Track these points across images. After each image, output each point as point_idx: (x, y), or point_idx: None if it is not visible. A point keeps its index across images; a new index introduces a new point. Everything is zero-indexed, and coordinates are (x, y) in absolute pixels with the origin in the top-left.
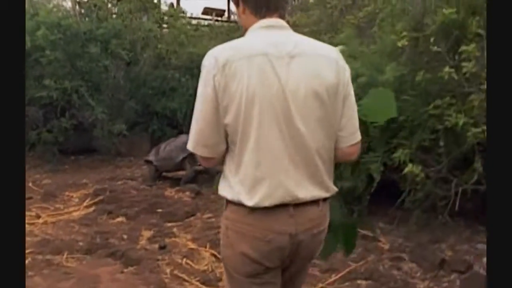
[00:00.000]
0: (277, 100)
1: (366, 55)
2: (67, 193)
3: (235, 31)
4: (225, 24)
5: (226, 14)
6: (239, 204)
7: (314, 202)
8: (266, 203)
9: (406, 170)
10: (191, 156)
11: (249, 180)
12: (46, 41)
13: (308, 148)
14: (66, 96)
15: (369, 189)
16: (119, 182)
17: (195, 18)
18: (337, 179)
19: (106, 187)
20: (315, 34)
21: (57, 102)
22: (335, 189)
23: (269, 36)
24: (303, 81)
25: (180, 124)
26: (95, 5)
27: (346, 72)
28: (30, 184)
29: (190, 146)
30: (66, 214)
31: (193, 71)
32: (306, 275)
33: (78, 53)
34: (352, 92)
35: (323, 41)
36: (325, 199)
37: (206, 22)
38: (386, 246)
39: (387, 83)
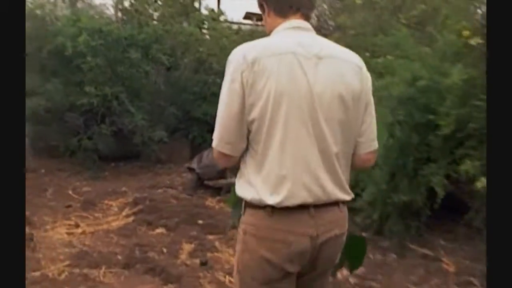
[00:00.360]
0: (304, 101)
1: (425, 56)
2: (106, 201)
3: None
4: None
5: None
6: (259, 207)
7: (335, 203)
8: (289, 203)
9: (479, 185)
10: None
11: (273, 178)
12: (87, 47)
13: (329, 151)
14: (106, 103)
15: (429, 204)
16: (159, 191)
17: (236, 23)
18: (392, 191)
19: (145, 195)
20: (362, 36)
21: (98, 108)
22: (352, 194)
23: (296, 36)
24: (330, 84)
25: None
26: (136, 10)
27: (368, 80)
28: (70, 192)
29: (214, 143)
30: (105, 224)
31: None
32: (327, 284)
33: (119, 59)
34: (372, 101)
35: (373, 43)
36: (344, 202)
37: (247, 27)
38: (452, 268)
39: (453, 87)
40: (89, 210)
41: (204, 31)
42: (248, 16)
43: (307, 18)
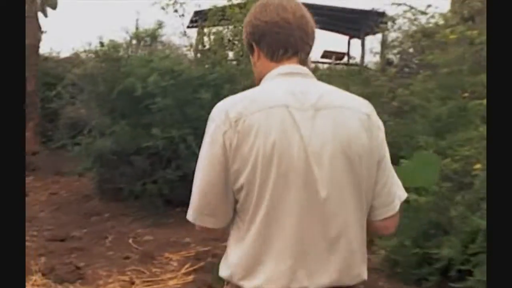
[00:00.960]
0: (298, 162)
1: None
2: (166, 254)
3: (355, 74)
4: (345, 67)
5: (345, 57)
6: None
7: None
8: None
9: None
10: None
11: (251, 257)
12: (157, 87)
13: (332, 221)
14: (173, 146)
15: None
16: (224, 244)
17: (313, 62)
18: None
19: (209, 249)
20: (457, 75)
21: (164, 152)
22: (364, 276)
23: (289, 84)
24: (330, 140)
25: None
26: (209, 49)
27: (380, 130)
28: (131, 241)
29: (190, 217)
30: (162, 283)
31: None
32: None
33: (189, 99)
34: (388, 154)
35: (472, 83)
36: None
37: (325, 66)
38: None
39: None
40: (147, 264)
41: None
42: (326, 54)
43: (303, 62)
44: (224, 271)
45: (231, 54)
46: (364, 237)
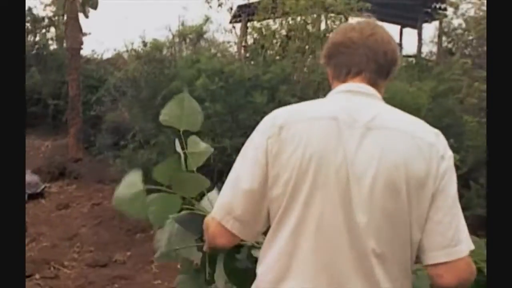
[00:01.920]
0: (336, 179)
1: None
2: None
3: (415, 66)
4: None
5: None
6: None
7: None
8: None
9: None
10: None
11: (276, 272)
12: (206, 91)
13: (366, 250)
14: (224, 157)
15: None
16: None
17: None
18: None
19: None
20: None
21: (214, 163)
22: None
23: (346, 101)
24: (376, 163)
25: None
26: (262, 46)
27: (444, 160)
28: (179, 265)
29: (217, 214)
30: None
31: None
32: None
33: (241, 104)
34: (453, 190)
35: None
36: None
37: None
38: None
39: None
40: None
41: None
42: None
43: (370, 81)
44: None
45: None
46: (406, 272)
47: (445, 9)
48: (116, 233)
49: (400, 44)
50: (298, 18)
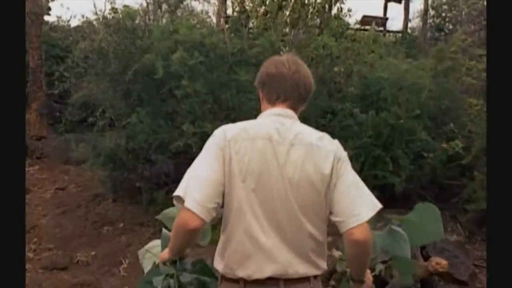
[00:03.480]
0: (275, 180)
1: None
2: None
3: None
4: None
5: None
6: (232, 279)
7: (305, 278)
8: (257, 276)
9: None
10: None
11: (240, 253)
12: (184, 66)
13: (301, 228)
14: (204, 143)
15: None
16: None
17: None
18: None
19: None
20: None
21: (194, 151)
22: (325, 267)
23: (277, 122)
24: (299, 170)
25: None
26: (247, 16)
27: (340, 161)
28: None
29: (180, 191)
30: None
31: (372, 102)
32: None
33: (224, 82)
34: (348, 177)
35: None
36: (316, 276)
37: (365, 33)
38: None
39: None
40: None
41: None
42: (365, 20)
43: (294, 107)
44: (220, 266)
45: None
46: (324, 241)
47: None
48: (81, 225)
49: (385, 19)
50: None
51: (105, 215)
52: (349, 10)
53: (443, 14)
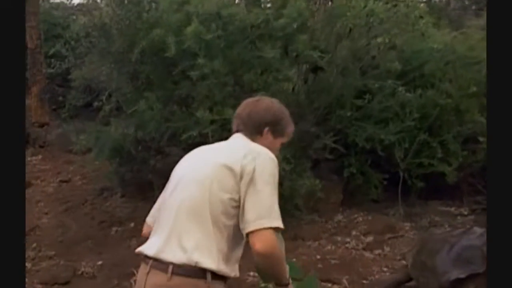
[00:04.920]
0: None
1: None
2: None
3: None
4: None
5: None
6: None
7: (167, 266)
8: (145, 252)
9: None
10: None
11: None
12: (199, 42)
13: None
14: (225, 133)
15: None
16: None
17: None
18: None
19: None
20: None
21: (212, 141)
22: (200, 262)
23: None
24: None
25: (396, 166)
26: None
27: (251, 165)
28: None
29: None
30: None
31: (414, 79)
32: None
33: (246, 60)
34: (260, 182)
35: None
36: (186, 275)
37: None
38: None
39: None
40: None
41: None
42: None
43: (244, 133)
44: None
45: None
46: (229, 236)
47: None
48: (86, 226)
49: None
50: None
51: (113, 213)
52: None
53: None
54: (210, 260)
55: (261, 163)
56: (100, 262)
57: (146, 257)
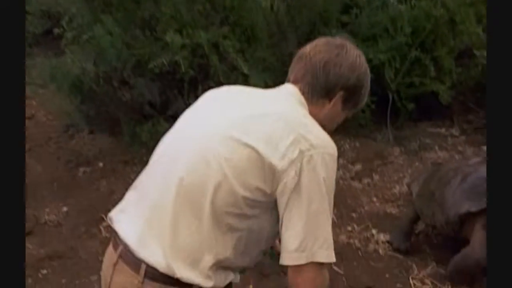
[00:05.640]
0: None
1: None
2: None
3: None
4: None
5: None
6: None
7: (139, 264)
8: (116, 230)
9: None
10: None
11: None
12: None
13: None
14: (198, 59)
15: None
16: None
17: None
18: None
19: None
20: None
21: (184, 70)
22: (182, 277)
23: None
24: None
25: (385, 88)
26: None
27: (298, 163)
28: None
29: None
30: None
31: None
32: None
33: None
34: (309, 194)
35: None
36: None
37: None
38: None
39: None
40: None
41: None
42: None
43: (307, 91)
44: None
45: None
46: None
47: None
48: (52, 166)
49: None
50: None
51: (80, 152)
52: None
53: None
54: (195, 274)
55: (316, 163)
56: (65, 209)
57: (117, 236)
